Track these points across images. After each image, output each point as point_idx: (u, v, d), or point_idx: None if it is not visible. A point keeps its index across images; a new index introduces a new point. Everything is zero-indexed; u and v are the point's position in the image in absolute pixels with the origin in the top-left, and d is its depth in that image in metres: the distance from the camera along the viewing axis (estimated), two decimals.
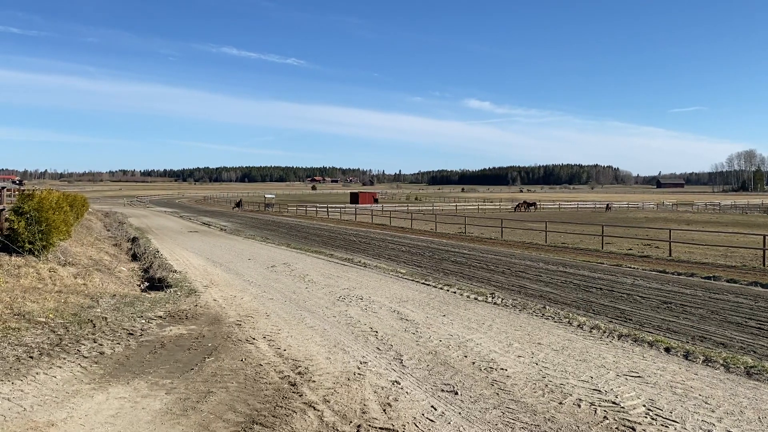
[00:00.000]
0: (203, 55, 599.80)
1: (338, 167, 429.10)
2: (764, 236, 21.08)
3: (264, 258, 19.41)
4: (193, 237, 29.21)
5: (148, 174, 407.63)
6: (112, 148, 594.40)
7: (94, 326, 8.55)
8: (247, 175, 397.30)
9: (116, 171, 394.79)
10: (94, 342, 7.79)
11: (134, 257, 19.29)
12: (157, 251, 20.28)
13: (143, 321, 9.21)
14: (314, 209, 63.26)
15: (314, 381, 6.48)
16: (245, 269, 16.42)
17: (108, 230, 30.17)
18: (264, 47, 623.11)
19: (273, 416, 5.45)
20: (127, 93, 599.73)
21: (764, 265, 18.88)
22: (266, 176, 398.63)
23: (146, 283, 14.12)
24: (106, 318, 9.05)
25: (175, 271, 15.15)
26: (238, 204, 73.64)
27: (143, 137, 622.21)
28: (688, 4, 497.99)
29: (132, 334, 8.36)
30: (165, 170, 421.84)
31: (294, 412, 5.56)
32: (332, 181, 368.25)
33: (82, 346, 7.54)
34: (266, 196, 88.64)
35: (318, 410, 5.60)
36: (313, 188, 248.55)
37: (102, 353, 7.35)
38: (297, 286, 13.40)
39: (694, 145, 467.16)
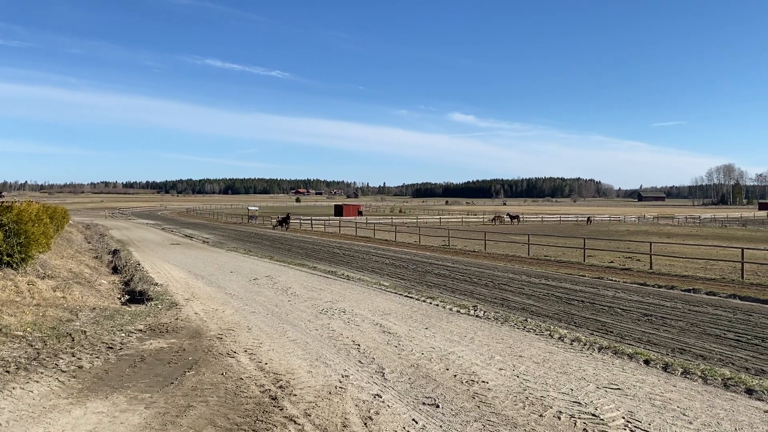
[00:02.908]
0: (187, 66, 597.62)
1: (323, 179, 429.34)
2: (742, 249, 21.41)
3: (246, 271, 19.32)
4: (175, 249, 28.98)
5: (130, 186, 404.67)
6: (94, 159, 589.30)
7: (73, 340, 8.45)
8: (231, 187, 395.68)
9: (98, 183, 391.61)
10: (73, 356, 7.70)
11: (115, 270, 19.10)
12: (138, 264, 20.10)
13: (123, 334, 9.12)
14: (298, 221, 63.07)
15: (295, 395, 6.45)
16: (227, 282, 16.33)
17: (89, 242, 29.86)
18: (249, 59, 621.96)
19: (253, 430, 5.41)
20: (110, 104, 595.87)
21: (743, 277, 19.13)
22: (250, 188, 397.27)
23: (127, 296, 13.98)
24: (85, 331, 8.94)
25: (156, 284, 15.02)
26: (284, 221, 54.30)
27: (126, 149, 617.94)
28: (670, 22, 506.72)
29: (111, 348, 8.27)
30: (147, 182, 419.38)
31: (274, 426, 5.53)
32: (317, 194, 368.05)
33: (60, 360, 7.44)
34: (249, 208, 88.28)
35: (299, 424, 5.58)
36: (298, 200, 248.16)
37: (80, 367, 7.26)
38: (279, 299, 13.34)
39: (674, 159, 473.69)
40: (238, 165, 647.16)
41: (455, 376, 7.31)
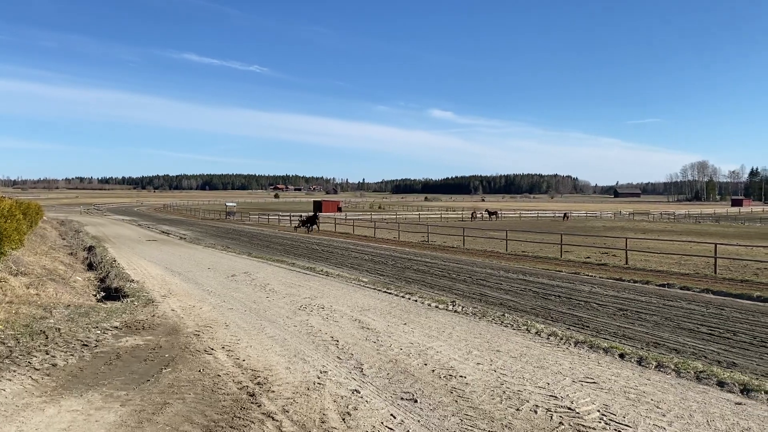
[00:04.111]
0: (164, 61, 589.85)
1: (301, 175, 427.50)
2: (715, 245, 21.80)
3: (224, 267, 19.18)
4: (152, 246, 28.67)
5: (105, 181, 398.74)
6: (69, 154, 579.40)
7: (47, 337, 8.33)
8: (208, 182, 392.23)
9: (73, 178, 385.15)
10: (47, 354, 7.59)
11: (90, 267, 18.83)
12: (114, 260, 19.86)
13: (98, 332, 9.01)
14: (276, 217, 62.79)
15: (273, 391, 6.43)
16: (204, 279, 16.20)
17: (63, 239, 29.40)
18: (226, 54, 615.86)
19: (231, 427, 5.39)
20: (85, 99, 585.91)
21: (715, 272, 19.48)
22: (228, 184, 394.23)
23: (102, 293, 13.79)
24: (59, 329, 8.81)
25: (133, 281, 14.85)
26: (309, 222, 44.26)
27: (101, 144, 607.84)
28: (646, 22, 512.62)
29: (86, 345, 8.17)
30: (124, 178, 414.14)
31: (252, 422, 5.51)
32: (295, 189, 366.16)
33: (34, 358, 7.33)
34: (227, 204, 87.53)
35: (277, 420, 5.57)
36: (276, 196, 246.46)
37: (54, 365, 7.16)
38: (257, 296, 13.28)
39: (650, 156, 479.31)
40: (216, 160, 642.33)
41: (433, 371, 7.35)
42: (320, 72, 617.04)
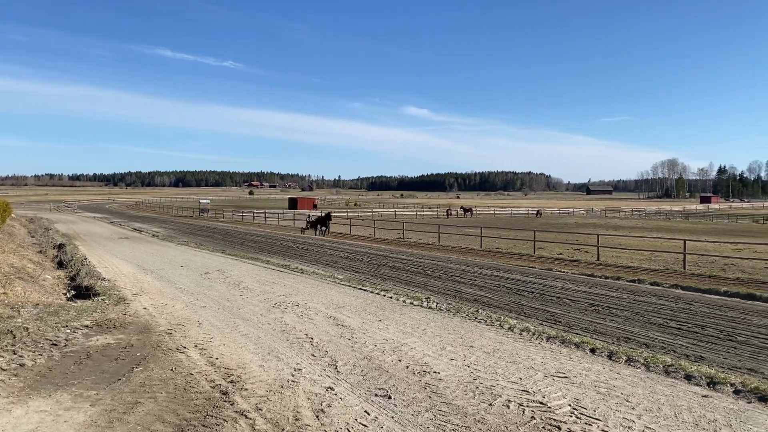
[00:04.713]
0: (136, 56, 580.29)
1: (276, 172, 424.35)
2: (684, 241, 22.23)
3: (197, 265, 19.00)
4: (124, 243, 28.26)
5: (76, 178, 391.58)
6: (38, 151, 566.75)
7: (14, 337, 8.16)
8: (182, 179, 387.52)
9: (42, 175, 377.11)
10: (14, 354, 7.44)
11: (60, 265, 18.49)
12: (85, 258, 19.54)
13: (68, 331, 8.86)
14: (251, 215, 62.34)
15: (247, 389, 6.40)
16: (177, 276, 16.03)
17: (32, 237, 28.82)
18: (200, 49, 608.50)
19: (203, 426, 5.35)
20: (55, 94, 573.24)
21: (684, 268, 19.86)
22: (201, 181, 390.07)
23: (73, 292, 13.55)
24: (27, 328, 8.65)
25: (104, 279, 14.64)
26: (319, 223, 37.98)
27: (72, 140, 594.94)
28: (617, 21, 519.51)
29: (55, 345, 8.03)
30: (95, 174, 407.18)
31: (225, 420, 5.48)
32: (270, 186, 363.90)
33: (0, 359, 7.18)
34: (201, 201, 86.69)
35: (250, 418, 5.54)
36: (251, 193, 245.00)
37: (22, 365, 7.03)
38: (231, 294, 13.18)
39: (621, 154, 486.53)
40: (190, 157, 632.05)
41: (407, 367, 7.38)
42: (295, 68, 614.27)
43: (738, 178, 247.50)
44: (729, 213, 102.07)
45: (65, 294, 13.36)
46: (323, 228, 37.28)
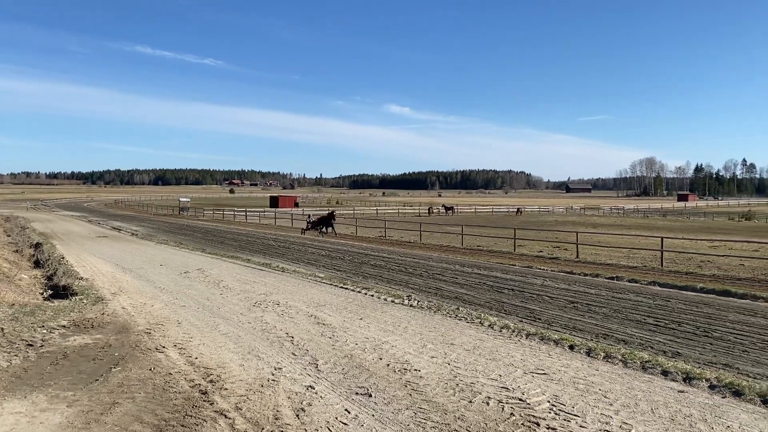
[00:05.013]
0: (115, 52, 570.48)
1: (258, 170, 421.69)
2: (662, 238, 22.50)
3: (177, 264, 18.84)
4: (102, 242, 27.93)
5: (54, 176, 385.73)
6: (15, 149, 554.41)
7: None
8: (161, 177, 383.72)
9: (19, 173, 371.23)
10: None
11: (37, 264, 18.23)
12: (63, 257, 19.27)
13: (45, 331, 8.74)
14: (232, 213, 61.94)
15: (226, 389, 6.37)
16: (157, 275, 15.88)
17: (8, 236, 28.38)
18: (180, 46, 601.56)
19: (182, 426, 5.31)
20: (32, 91, 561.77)
21: (662, 265, 20.12)
22: (181, 179, 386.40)
23: (49, 291, 13.36)
24: (2, 329, 8.52)
25: (82, 279, 14.46)
26: (321, 224, 35.13)
27: (49, 138, 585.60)
28: (593, 21, 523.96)
29: (31, 345, 7.92)
30: (73, 172, 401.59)
31: (204, 420, 5.45)
32: (251, 185, 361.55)
33: None
34: (181, 199, 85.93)
35: (229, 418, 5.51)
36: (231, 191, 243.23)
37: None
38: (211, 293, 13.10)
39: (600, 153, 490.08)
40: (169, 155, 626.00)
41: (388, 365, 7.40)
42: (276, 66, 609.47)
43: (714, 176, 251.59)
44: (705, 211, 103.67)
45: (42, 294, 13.17)
46: (327, 229, 34.16)
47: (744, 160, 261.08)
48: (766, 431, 5.44)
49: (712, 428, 5.48)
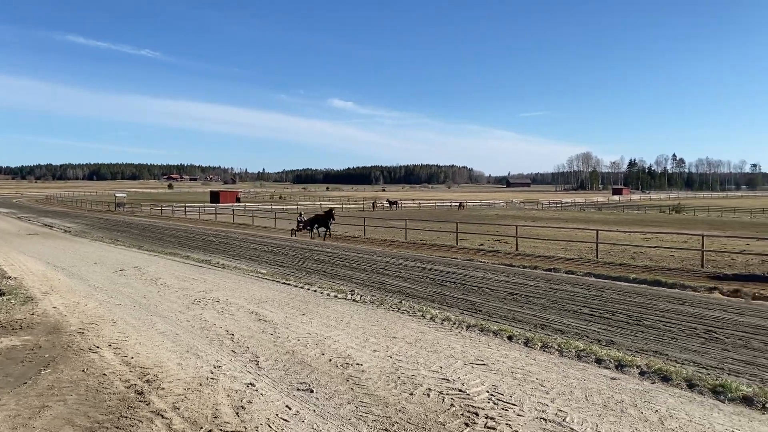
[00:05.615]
0: (46, 42, 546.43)
1: (197, 165, 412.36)
2: (597, 231, 23.28)
3: (112, 261, 18.24)
4: (32, 240, 26.76)
5: None
6: None
7: None
8: (96, 172, 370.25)
9: None
10: None
11: None
12: None
13: None
14: (170, 209, 60.42)
15: (163, 388, 6.21)
16: (91, 274, 15.33)
17: None
18: (116, 37, 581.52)
19: (116, 427, 5.16)
20: None
21: (597, 257, 20.81)
22: (117, 174, 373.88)
23: None
24: None
25: (10, 278, 13.84)
26: (311, 224, 30.74)
27: None
28: (530, 19, 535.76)
29: None
30: (0, 167, 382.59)
31: (140, 421, 5.30)
32: (191, 179, 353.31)
33: None
34: (117, 195, 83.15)
35: (166, 418, 5.38)
36: (170, 187, 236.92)
37: None
38: (148, 291, 12.74)
39: (539, 148, 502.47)
40: (105, 149, 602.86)
41: (330, 360, 7.38)
42: (216, 58, 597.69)
43: (647, 170, 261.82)
44: (639, 204, 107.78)
45: None
46: (322, 230, 30.17)
47: (674, 155, 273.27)
48: (691, 413, 5.71)
49: (642, 413, 5.71)
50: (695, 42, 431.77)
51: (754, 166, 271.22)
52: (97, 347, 7.88)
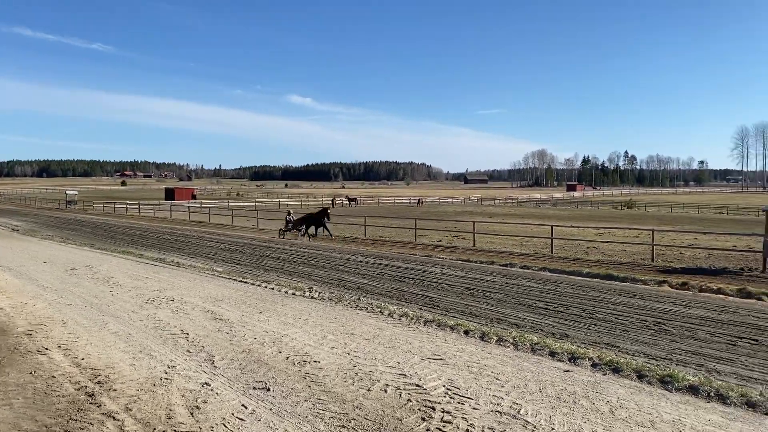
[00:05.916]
0: None
1: (152, 161, 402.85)
2: (552, 227, 23.72)
3: (62, 260, 17.72)
4: None
5: None
6: None
7: None
8: (46, 169, 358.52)
9: None
10: None
11: None
12: None
13: None
14: (124, 206, 59.01)
15: (115, 390, 6.08)
16: (40, 273, 14.87)
17: None
18: (65, 29, 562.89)
19: (66, 431, 5.02)
20: None
21: (552, 252, 21.22)
22: (68, 171, 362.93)
23: None
24: None
25: None
26: (302, 223, 28.45)
27: None
28: (485, 18, 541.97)
29: None
30: None
31: (91, 424, 5.18)
32: (145, 176, 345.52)
33: None
34: (68, 192, 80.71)
35: (118, 420, 5.27)
36: (123, 183, 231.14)
37: None
38: (100, 290, 12.43)
39: (496, 145, 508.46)
40: (55, 145, 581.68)
41: (287, 358, 7.34)
42: (170, 53, 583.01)
43: (600, 167, 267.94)
44: (592, 200, 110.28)
45: None
46: (318, 230, 28.17)
47: (626, 153, 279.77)
48: (641, 403, 5.89)
49: (594, 404, 5.86)
50: (645, 44, 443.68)
51: (701, 163, 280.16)
52: (46, 349, 7.65)
